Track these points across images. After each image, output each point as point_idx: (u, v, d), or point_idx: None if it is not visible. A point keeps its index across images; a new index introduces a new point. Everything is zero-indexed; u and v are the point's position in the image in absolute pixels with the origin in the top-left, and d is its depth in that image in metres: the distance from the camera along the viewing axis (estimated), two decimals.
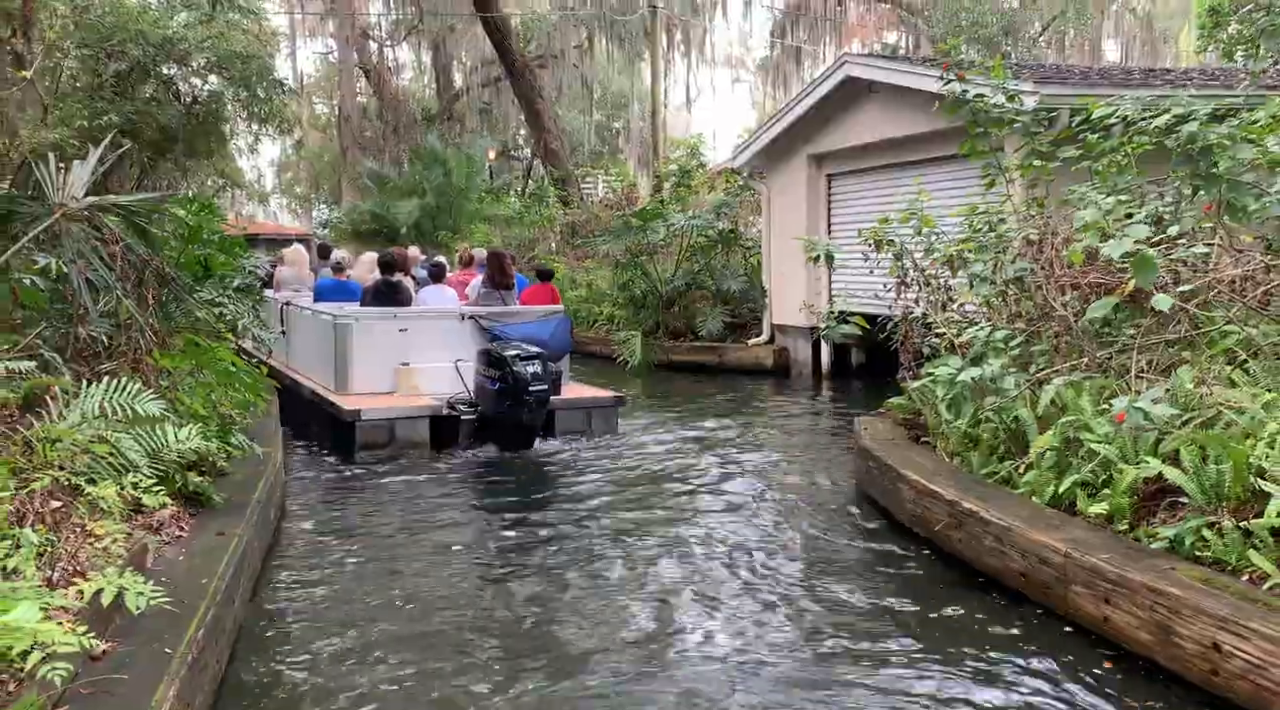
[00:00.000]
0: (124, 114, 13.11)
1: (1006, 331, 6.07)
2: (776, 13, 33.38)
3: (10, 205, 5.41)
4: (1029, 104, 8.12)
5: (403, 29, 36.42)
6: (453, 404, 8.60)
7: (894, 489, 6.31)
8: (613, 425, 9.31)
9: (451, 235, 23.22)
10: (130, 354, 6.03)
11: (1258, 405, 4.49)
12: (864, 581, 5.30)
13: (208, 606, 3.93)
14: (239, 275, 8.71)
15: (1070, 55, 28.47)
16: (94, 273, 5.53)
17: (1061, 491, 5.20)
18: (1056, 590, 4.60)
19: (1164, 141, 5.73)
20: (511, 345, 8.42)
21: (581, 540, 6.02)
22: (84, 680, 3.04)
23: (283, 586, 5.26)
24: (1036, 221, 6.66)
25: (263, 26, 17.50)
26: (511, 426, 8.36)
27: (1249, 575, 4.04)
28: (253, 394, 7.02)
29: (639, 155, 34.70)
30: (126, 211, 5.98)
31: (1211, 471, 4.43)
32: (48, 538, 3.47)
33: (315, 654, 4.33)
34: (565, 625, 4.66)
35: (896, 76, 11.31)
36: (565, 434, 8.95)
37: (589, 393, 9.70)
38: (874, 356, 12.58)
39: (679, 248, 16.22)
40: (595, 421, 9.20)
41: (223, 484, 5.72)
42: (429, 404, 8.68)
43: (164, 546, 4.59)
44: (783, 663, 4.21)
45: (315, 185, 46.40)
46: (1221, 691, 3.70)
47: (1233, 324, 5.18)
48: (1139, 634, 4.09)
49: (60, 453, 4.09)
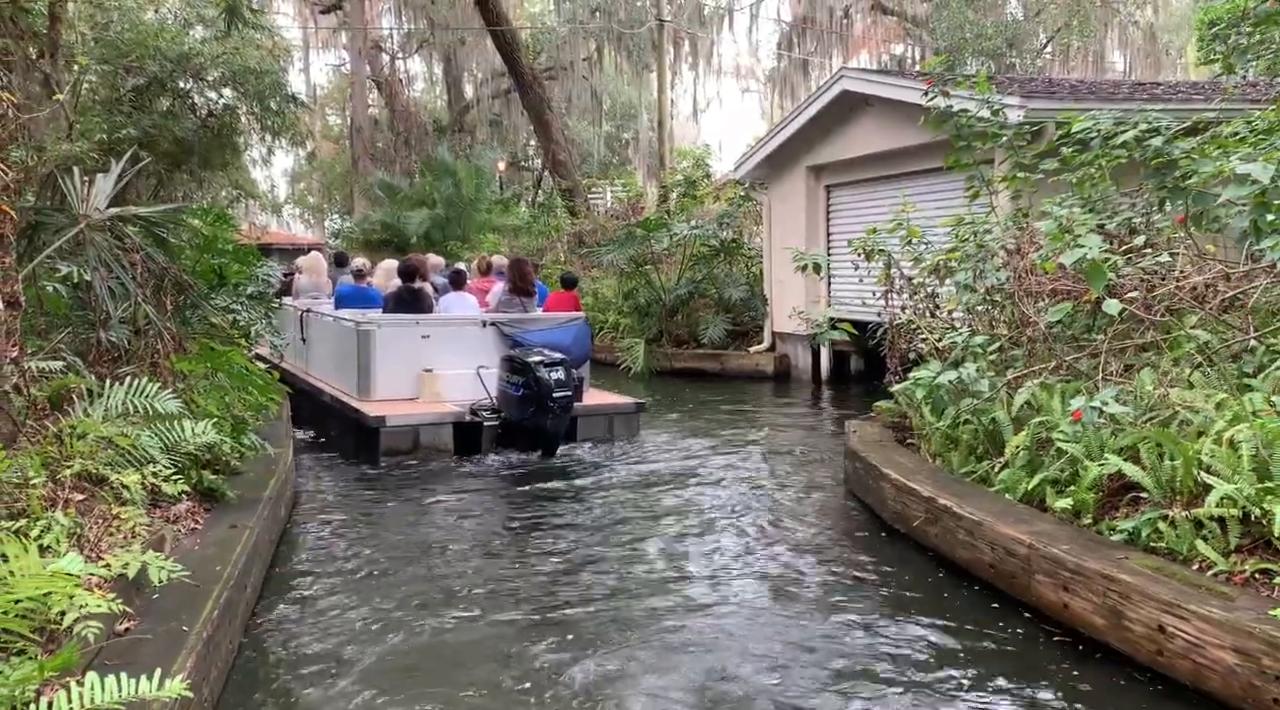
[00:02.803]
0: (142, 127, 13.52)
1: (985, 337, 6.34)
2: (784, 25, 33.74)
3: (38, 216, 5.73)
4: (1014, 118, 8.39)
5: (414, 42, 36.93)
6: (476, 410, 8.69)
7: (877, 487, 6.58)
8: (634, 431, 9.41)
9: (461, 245, 23.58)
10: (148, 358, 6.35)
11: (1210, 405, 4.74)
12: (844, 570, 5.56)
13: (221, 590, 4.22)
14: (252, 283, 9.02)
15: (1074, 68, 28.70)
16: (115, 280, 5.86)
17: (1032, 488, 5.46)
18: (1021, 580, 4.85)
19: (1134, 155, 5.99)
20: (535, 351, 8.46)
21: (595, 541, 6.22)
22: (108, 651, 3.34)
23: (293, 576, 5.54)
24: (1014, 232, 6.92)
25: (276, 42, 17.91)
26: (535, 432, 8.40)
27: (1199, 563, 4.29)
28: (265, 397, 7.32)
29: (648, 165, 35.06)
30: (146, 222, 6.32)
31: (1167, 467, 4.68)
32: (76, 521, 3.78)
33: (322, 639, 4.61)
34: (578, 621, 4.87)
35: (891, 90, 11.59)
36: (587, 440, 9.04)
37: (610, 399, 9.82)
38: (872, 363, 12.82)
39: (682, 257, 16.53)
40: (617, 428, 9.32)
41: (236, 482, 6.00)
42: (452, 410, 8.77)
43: (180, 538, 4.89)
44: (765, 614, 4.50)
45: (328, 195, 46.89)
46: (1166, 670, 3.95)
47: (1196, 329, 5.43)
48: (1094, 619, 4.34)
49: (87, 446, 4.40)
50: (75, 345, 6.28)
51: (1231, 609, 3.76)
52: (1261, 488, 4.14)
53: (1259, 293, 5.35)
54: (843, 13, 31.74)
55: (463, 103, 36.90)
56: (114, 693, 2.32)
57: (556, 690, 4.03)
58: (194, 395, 6.42)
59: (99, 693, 2.31)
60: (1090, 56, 28.81)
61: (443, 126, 36.73)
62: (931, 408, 6.65)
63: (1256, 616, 3.66)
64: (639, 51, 31.45)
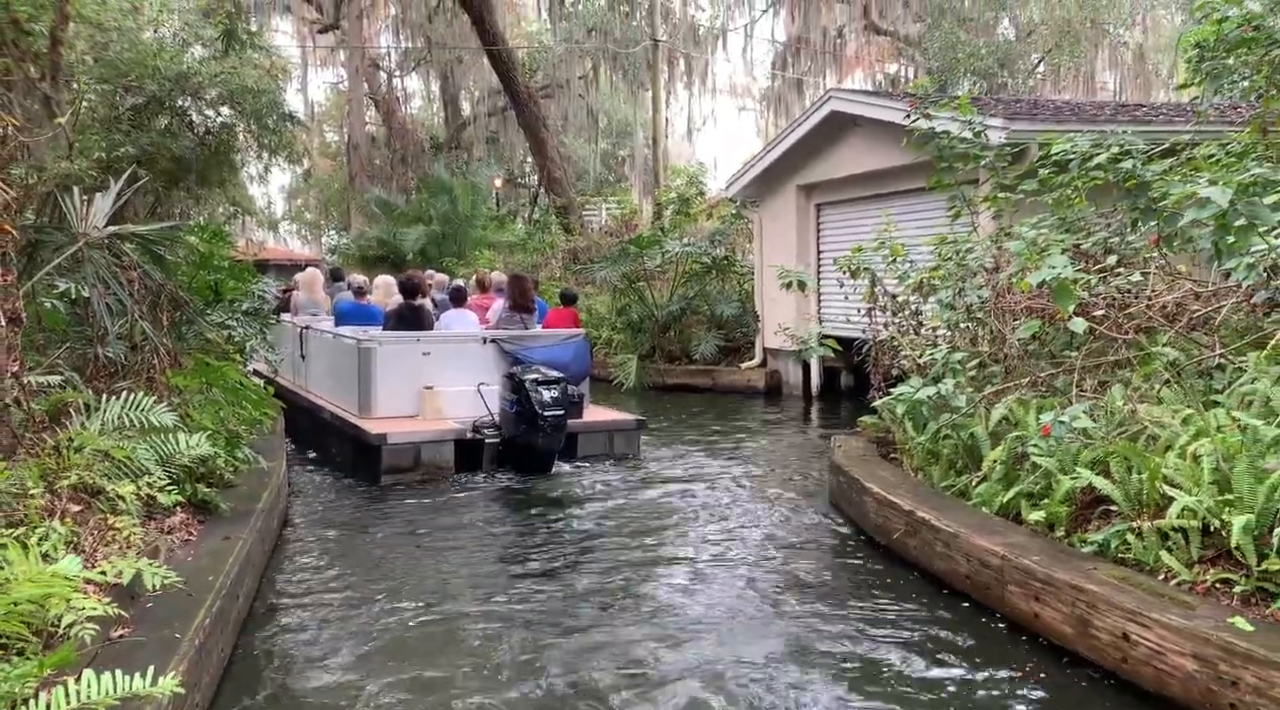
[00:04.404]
0: (140, 146, 13.67)
1: (964, 353, 6.48)
2: (777, 45, 34.05)
3: (38, 234, 5.87)
4: (996, 139, 8.56)
5: (412, 60, 37.22)
6: (477, 427, 8.73)
7: (860, 501, 6.70)
8: (634, 447, 9.45)
9: (456, 261, 23.75)
10: (144, 373, 6.48)
11: (1176, 421, 4.88)
12: (827, 579, 5.68)
13: (214, 599, 4.33)
14: (247, 299, 9.14)
15: (1065, 88, 28.99)
16: (112, 297, 5.99)
17: (1008, 501, 5.59)
18: (995, 590, 4.98)
19: (1108, 177, 6.16)
20: (532, 369, 8.47)
21: (583, 551, 6.36)
22: (103, 656, 3.45)
23: (285, 587, 5.65)
24: (993, 251, 7.08)
25: (274, 62, 18.11)
26: (529, 450, 8.48)
27: (1164, 574, 4.43)
28: (258, 411, 7.44)
29: (643, 182, 35.29)
30: (144, 239, 6.46)
31: (1134, 481, 4.82)
32: (73, 530, 3.89)
33: (312, 646, 4.72)
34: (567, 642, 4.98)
35: (879, 111, 11.78)
36: (587, 456, 9.09)
37: (610, 415, 9.85)
38: (862, 378, 12.88)
39: (675, 274, 16.69)
40: (617, 444, 9.36)
41: (229, 495, 6.10)
42: (453, 428, 8.78)
43: (175, 548, 5.00)
44: (750, 621, 4.62)
45: (325, 212, 47.09)
46: (1130, 677, 4.08)
47: (1168, 346, 5.58)
48: (1063, 627, 4.47)
49: (84, 459, 4.52)
50: (73, 360, 6.40)
51: (1192, 617, 3.89)
52: (1221, 500, 4.27)
53: (1225, 311, 5.50)
54: (836, 33, 32.04)
55: (459, 120, 37.16)
56: (109, 689, 2.44)
57: (548, 691, 4.14)
58: (189, 409, 6.54)
59: (95, 690, 2.43)
60: (1081, 77, 29.10)
61: (439, 143, 36.96)
62: (913, 423, 6.79)
63: (1215, 624, 3.79)
64: (634, 70, 31.72)
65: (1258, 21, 7.03)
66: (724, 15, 34.48)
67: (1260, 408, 4.79)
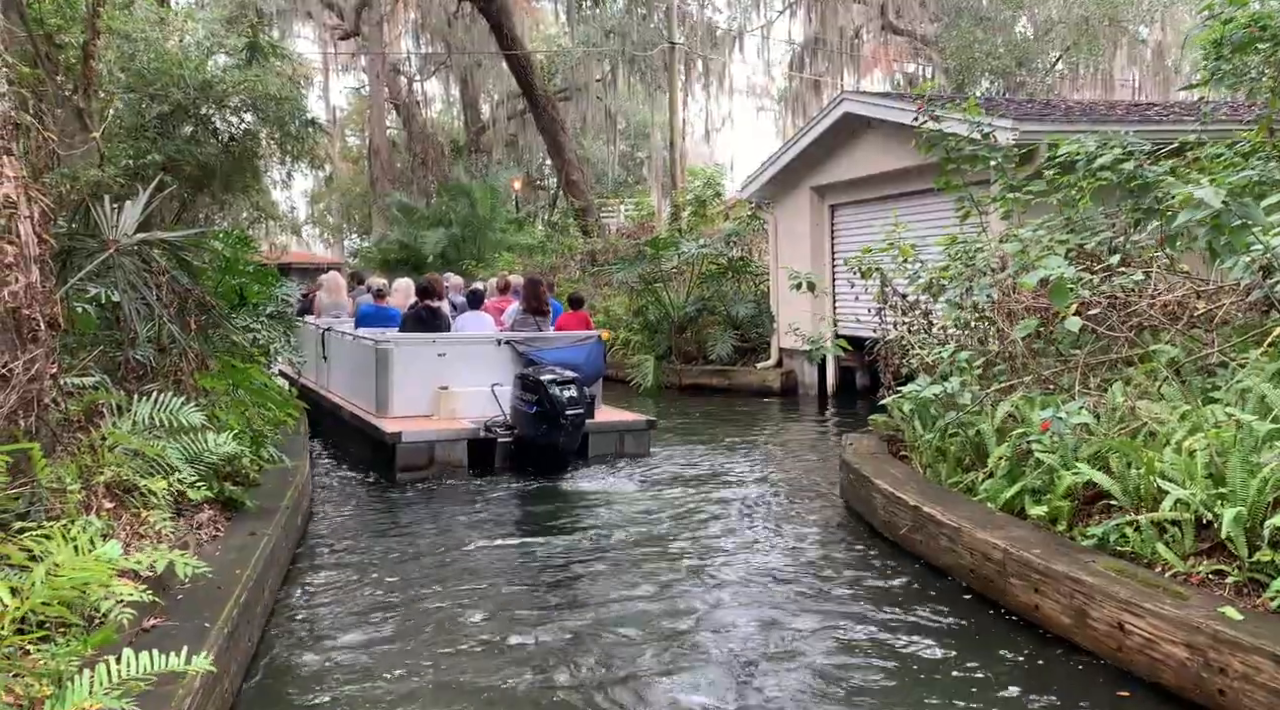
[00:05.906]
0: (166, 153, 14.00)
1: (970, 352, 6.60)
2: (795, 46, 34.11)
3: (71, 241, 6.09)
4: (1004, 140, 8.66)
5: (431, 64, 37.56)
6: (490, 427, 8.90)
7: (869, 497, 6.83)
8: (645, 448, 9.61)
9: (476, 263, 24.00)
10: (173, 375, 6.68)
11: (1175, 417, 4.99)
12: (835, 573, 5.82)
13: (241, 590, 4.53)
14: (271, 303, 9.37)
15: (1084, 86, 28.91)
16: (141, 302, 6.21)
17: (1012, 497, 5.71)
18: (998, 583, 5.10)
19: (1112, 177, 6.26)
20: (547, 369, 8.63)
21: (599, 559, 6.47)
22: (137, 643, 3.64)
23: (308, 581, 5.85)
24: (1000, 251, 7.19)
25: (296, 69, 18.43)
26: (547, 449, 8.60)
27: (1160, 566, 4.54)
28: (283, 412, 7.65)
29: (661, 184, 35.45)
30: (171, 246, 6.67)
31: (1132, 475, 4.93)
32: (109, 524, 4.10)
33: (334, 639, 4.91)
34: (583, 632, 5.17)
35: (891, 113, 11.89)
36: (599, 456, 9.26)
37: (621, 416, 10.03)
38: (876, 377, 13.01)
39: (691, 275, 16.84)
40: (628, 444, 9.54)
41: (255, 492, 6.31)
42: (467, 427, 8.96)
43: (203, 543, 5.21)
44: (761, 613, 4.77)
45: (346, 216, 47.58)
46: (1125, 665, 4.20)
47: (1168, 344, 5.68)
48: (1062, 618, 4.59)
49: (116, 457, 4.73)
50: (104, 363, 6.61)
51: (1184, 607, 4.01)
52: (1215, 493, 4.38)
53: (1224, 309, 5.59)
54: (853, 33, 32.08)
55: (479, 123, 37.46)
56: (147, 667, 2.62)
57: (565, 694, 4.30)
58: (216, 410, 6.74)
59: (133, 667, 2.62)
60: (1099, 75, 28.99)
61: (459, 147, 37.29)
62: (921, 421, 6.91)
63: (1206, 614, 3.91)
64: (652, 73, 31.87)
65: (1264, 22, 7.10)
66: (741, 17, 34.62)
67: (1256, 404, 4.89)
